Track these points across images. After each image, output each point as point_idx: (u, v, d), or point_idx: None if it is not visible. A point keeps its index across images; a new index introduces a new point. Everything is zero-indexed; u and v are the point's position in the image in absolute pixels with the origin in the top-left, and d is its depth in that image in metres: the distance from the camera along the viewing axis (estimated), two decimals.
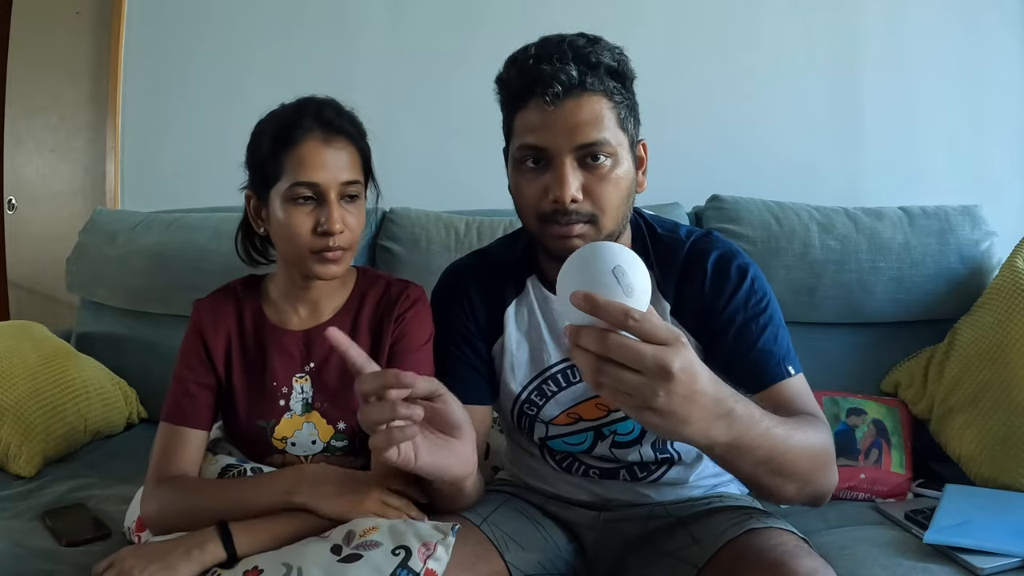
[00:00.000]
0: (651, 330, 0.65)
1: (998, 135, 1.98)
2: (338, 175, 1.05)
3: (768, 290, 1.06)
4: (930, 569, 1.10)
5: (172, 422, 1.09)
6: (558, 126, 0.96)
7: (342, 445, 1.11)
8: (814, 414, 0.96)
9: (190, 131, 2.24)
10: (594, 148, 0.96)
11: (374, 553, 0.88)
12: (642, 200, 1.42)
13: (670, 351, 0.65)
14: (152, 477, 1.07)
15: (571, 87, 0.95)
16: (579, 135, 0.95)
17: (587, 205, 0.97)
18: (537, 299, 1.13)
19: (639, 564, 1.05)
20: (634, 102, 1.03)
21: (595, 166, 0.97)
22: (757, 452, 0.79)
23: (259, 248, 1.20)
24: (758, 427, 0.78)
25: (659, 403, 0.66)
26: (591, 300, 0.64)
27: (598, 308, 0.64)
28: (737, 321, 1.02)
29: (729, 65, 2.04)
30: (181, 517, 1.00)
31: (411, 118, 2.07)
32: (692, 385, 0.67)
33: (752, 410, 0.77)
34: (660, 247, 1.09)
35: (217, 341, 1.12)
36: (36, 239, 2.69)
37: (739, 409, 0.74)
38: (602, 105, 0.97)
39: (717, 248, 1.07)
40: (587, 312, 0.64)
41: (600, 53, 0.97)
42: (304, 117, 1.05)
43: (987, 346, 1.43)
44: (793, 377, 0.99)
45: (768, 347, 1.00)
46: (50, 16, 2.57)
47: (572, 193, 0.95)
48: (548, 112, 0.95)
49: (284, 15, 2.20)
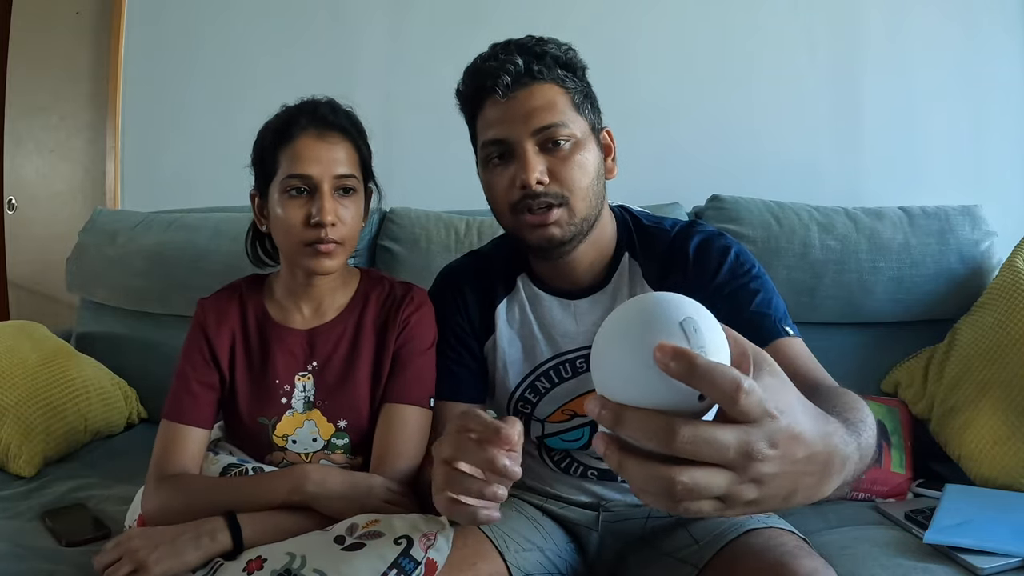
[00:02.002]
0: (749, 407, 0.46)
1: (998, 135, 1.98)
2: (332, 168, 1.06)
3: (756, 263, 1.05)
4: (930, 569, 1.10)
5: (173, 420, 1.09)
6: (514, 116, 0.99)
7: (343, 443, 1.12)
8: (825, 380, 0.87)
9: (190, 131, 2.24)
10: (552, 131, 0.98)
11: (376, 543, 0.90)
12: (643, 200, 1.42)
13: (756, 431, 0.47)
14: (153, 474, 1.07)
15: (519, 76, 0.98)
16: (535, 120, 0.98)
17: (555, 187, 0.99)
18: (528, 296, 1.13)
19: (639, 564, 1.05)
20: (589, 91, 1.05)
21: (557, 150, 0.99)
22: (848, 483, 0.60)
23: (268, 250, 1.21)
24: (853, 459, 0.58)
25: (751, 496, 0.49)
26: (687, 359, 0.44)
27: (696, 373, 0.44)
28: (725, 291, 1.01)
29: (729, 65, 2.04)
30: (182, 514, 1.00)
31: (411, 118, 2.07)
32: (792, 456, 0.49)
33: (855, 439, 0.59)
34: (645, 237, 1.10)
35: (221, 339, 1.13)
36: (36, 239, 2.69)
37: (850, 450, 0.56)
38: (554, 92, 1.00)
39: (699, 233, 1.08)
40: (679, 375, 0.44)
41: (545, 45, 1.01)
42: (301, 115, 1.08)
43: (987, 346, 1.43)
44: (793, 337, 0.95)
45: (762, 310, 0.98)
46: (50, 16, 2.57)
47: (536, 175, 0.98)
48: (503, 104, 0.99)
49: (284, 15, 2.20)
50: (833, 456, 0.54)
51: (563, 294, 1.11)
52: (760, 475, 0.48)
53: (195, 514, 0.99)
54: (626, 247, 1.10)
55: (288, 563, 0.88)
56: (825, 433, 0.53)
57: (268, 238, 1.18)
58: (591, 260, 1.09)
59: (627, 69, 2.00)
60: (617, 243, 1.11)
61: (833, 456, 0.54)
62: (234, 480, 1.05)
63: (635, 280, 1.08)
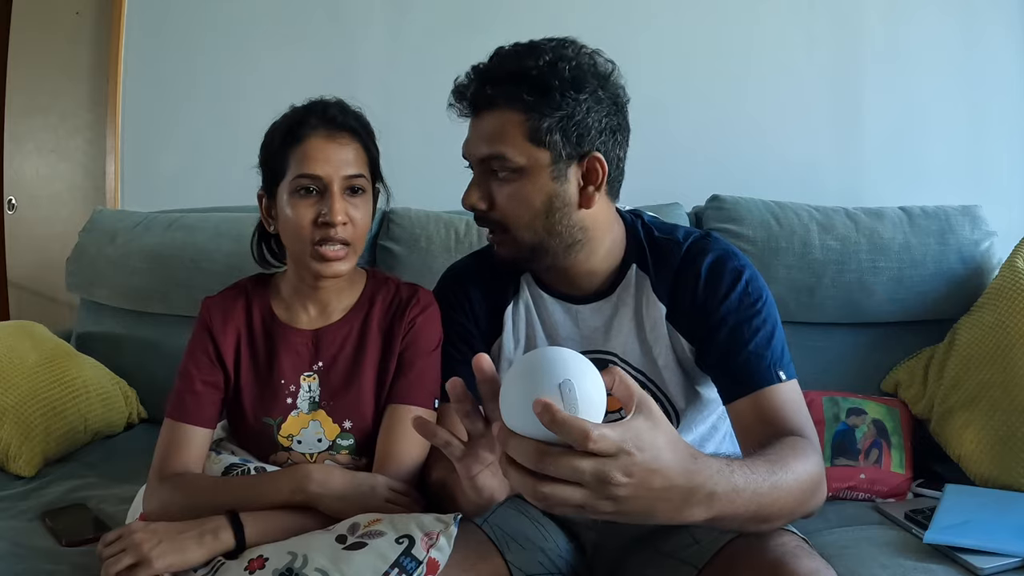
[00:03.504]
0: (601, 449, 0.60)
1: (998, 135, 1.98)
2: (341, 169, 1.06)
3: (765, 293, 1.04)
4: (930, 569, 1.10)
5: (177, 419, 1.09)
6: (472, 136, 1.03)
7: (348, 444, 1.12)
8: (799, 430, 0.94)
9: (190, 131, 2.24)
10: (490, 162, 1.01)
11: (378, 542, 0.90)
12: (643, 200, 1.42)
13: (611, 463, 0.61)
14: (155, 474, 1.07)
15: (476, 102, 1.01)
16: (477, 148, 1.02)
17: (493, 214, 1.03)
18: (532, 297, 1.13)
19: (639, 564, 1.05)
20: (572, 113, 0.97)
21: (497, 178, 1.01)
22: (742, 516, 0.75)
23: (274, 251, 1.20)
24: (742, 496, 0.73)
25: (609, 509, 0.63)
26: (551, 413, 0.58)
27: (556, 424, 0.58)
28: (729, 322, 1.01)
29: (729, 65, 2.04)
30: (184, 513, 1.00)
31: (411, 118, 2.07)
32: (648, 485, 0.63)
33: (735, 479, 0.73)
34: (656, 250, 1.09)
35: (227, 338, 1.13)
36: (36, 239, 2.69)
37: (720, 488, 0.70)
38: (504, 120, 0.98)
39: (713, 250, 1.06)
40: (545, 425, 0.59)
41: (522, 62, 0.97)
42: (310, 116, 1.08)
43: (987, 346, 1.43)
44: (784, 383, 0.97)
45: (759, 350, 0.99)
46: (50, 16, 2.57)
47: (473, 200, 1.03)
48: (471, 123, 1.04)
49: (284, 15, 2.19)
50: (695, 490, 0.67)
51: (566, 298, 1.11)
52: (615, 496, 0.62)
53: (197, 513, 0.99)
54: (635, 258, 1.09)
55: (290, 562, 0.88)
56: (689, 471, 0.66)
57: (274, 239, 1.18)
58: (590, 268, 1.08)
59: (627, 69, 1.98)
60: (625, 253, 1.10)
61: (695, 490, 0.67)
62: (236, 480, 1.06)
63: (643, 292, 1.08)
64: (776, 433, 0.93)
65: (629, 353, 1.09)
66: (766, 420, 0.95)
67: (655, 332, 1.07)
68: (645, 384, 1.09)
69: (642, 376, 1.09)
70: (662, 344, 1.07)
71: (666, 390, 1.09)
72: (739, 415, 0.99)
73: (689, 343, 1.05)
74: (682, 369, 1.08)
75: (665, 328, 1.07)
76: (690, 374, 1.09)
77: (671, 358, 1.07)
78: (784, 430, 0.93)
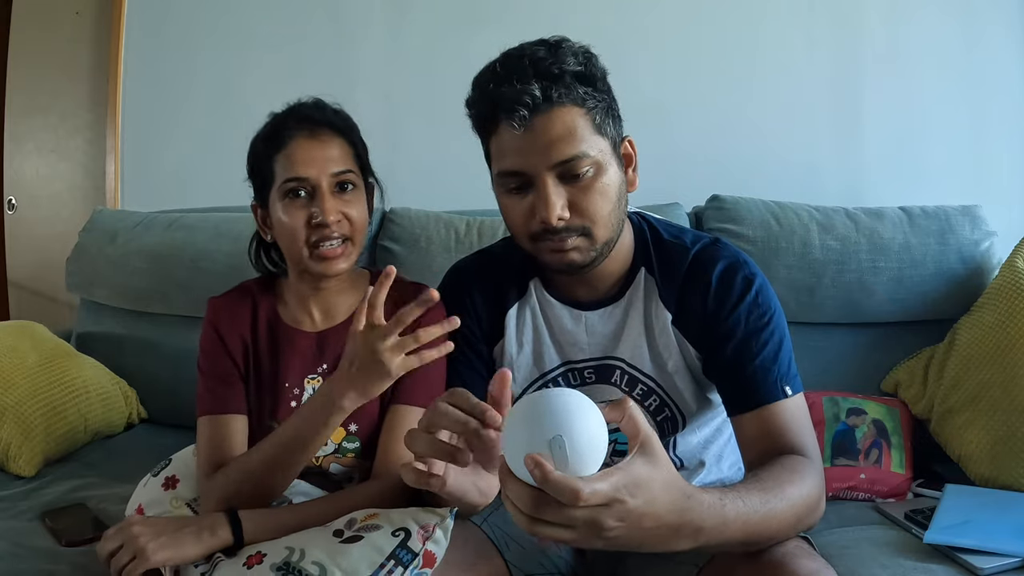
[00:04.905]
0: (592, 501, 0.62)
1: (998, 135, 1.98)
2: (327, 167, 1.06)
3: (774, 303, 1.03)
4: (930, 569, 1.10)
5: (212, 413, 1.09)
6: (532, 147, 0.92)
7: (353, 447, 1.11)
8: (801, 447, 0.94)
9: (190, 131, 2.24)
10: (573, 164, 0.93)
11: (374, 535, 0.90)
12: (643, 200, 1.42)
13: (604, 511, 0.63)
14: (207, 471, 1.05)
15: (537, 106, 0.91)
16: (555, 153, 0.92)
17: (576, 220, 0.96)
18: (540, 301, 1.12)
19: (639, 564, 1.05)
20: (610, 101, 0.99)
21: (578, 180, 0.94)
22: (730, 543, 0.78)
23: (274, 260, 1.20)
24: (731, 528, 0.75)
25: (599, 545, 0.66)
26: (542, 470, 0.60)
27: (547, 483, 0.60)
28: (738, 334, 1.00)
29: (729, 65, 2.04)
30: (248, 491, 0.99)
31: (411, 118, 2.07)
32: (638, 525, 0.65)
33: (727, 512, 0.74)
34: (663, 254, 1.08)
35: (233, 339, 1.13)
36: (36, 239, 2.69)
37: (709, 523, 0.72)
38: (573, 116, 0.93)
39: (724, 258, 1.04)
40: (536, 481, 0.61)
41: (563, 60, 0.93)
42: (289, 119, 1.08)
43: (987, 346, 1.43)
44: (789, 399, 0.97)
45: (766, 365, 0.98)
46: (50, 16, 2.57)
47: (558, 212, 0.94)
48: (519, 135, 0.92)
49: (284, 15, 2.20)
50: (684, 526, 0.70)
51: (574, 303, 1.10)
52: (607, 537, 0.65)
53: (258, 486, 0.99)
54: (643, 261, 1.08)
55: (287, 556, 0.88)
56: (682, 508, 0.69)
57: (274, 248, 1.17)
58: (607, 272, 1.07)
59: (627, 69, 1.97)
60: (634, 256, 1.09)
61: (684, 526, 0.70)
62: (273, 434, 1.03)
63: (651, 298, 1.07)
64: (777, 449, 0.93)
65: (637, 359, 1.08)
66: (769, 436, 0.95)
67: (664, 337, 1.06)
68: (652, 390, 1.08)
69: (650, 382, 1.08)
70: (672, 349, 1.06)
71: (674, 396, 1.08)
72: (742, 428, 0.99)
73: (696, 350, 1.05)
74: (691, 374, 1.07)
75: (672, 333, 1.05)
76: (699, 379, 1.08)
77: (681, 363, 1.06)
78: (786, 447, 0.93)
